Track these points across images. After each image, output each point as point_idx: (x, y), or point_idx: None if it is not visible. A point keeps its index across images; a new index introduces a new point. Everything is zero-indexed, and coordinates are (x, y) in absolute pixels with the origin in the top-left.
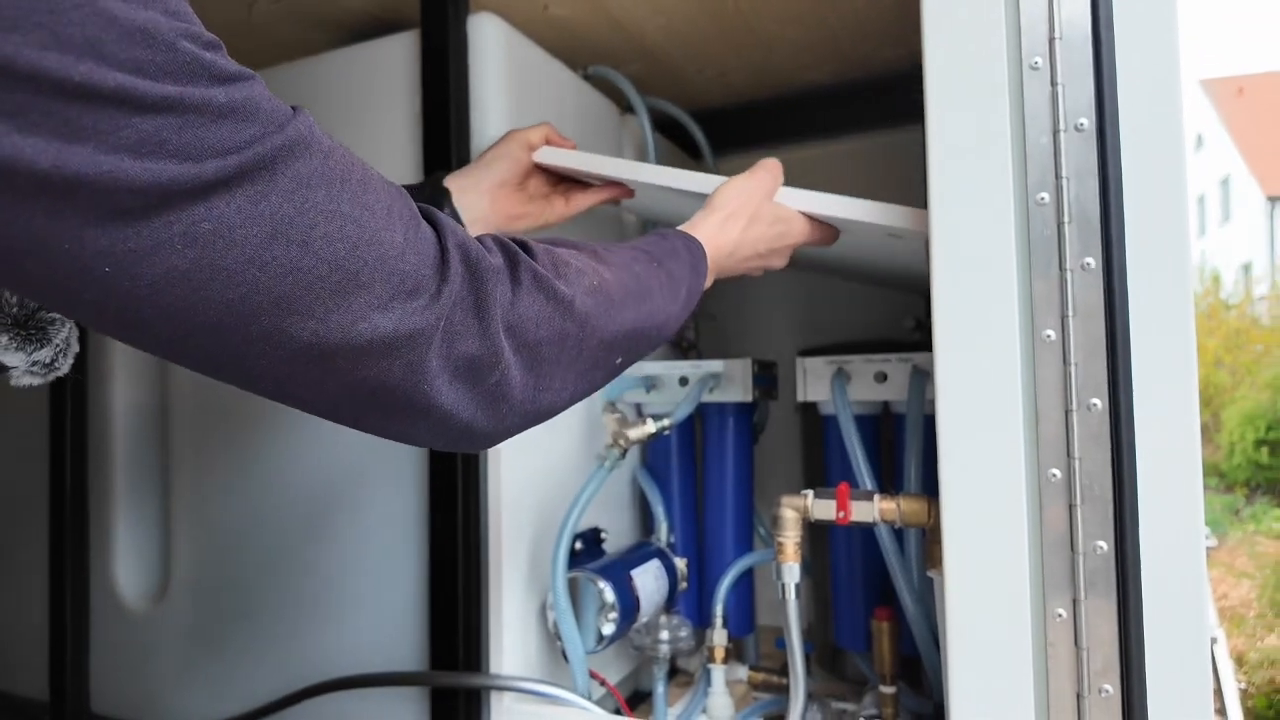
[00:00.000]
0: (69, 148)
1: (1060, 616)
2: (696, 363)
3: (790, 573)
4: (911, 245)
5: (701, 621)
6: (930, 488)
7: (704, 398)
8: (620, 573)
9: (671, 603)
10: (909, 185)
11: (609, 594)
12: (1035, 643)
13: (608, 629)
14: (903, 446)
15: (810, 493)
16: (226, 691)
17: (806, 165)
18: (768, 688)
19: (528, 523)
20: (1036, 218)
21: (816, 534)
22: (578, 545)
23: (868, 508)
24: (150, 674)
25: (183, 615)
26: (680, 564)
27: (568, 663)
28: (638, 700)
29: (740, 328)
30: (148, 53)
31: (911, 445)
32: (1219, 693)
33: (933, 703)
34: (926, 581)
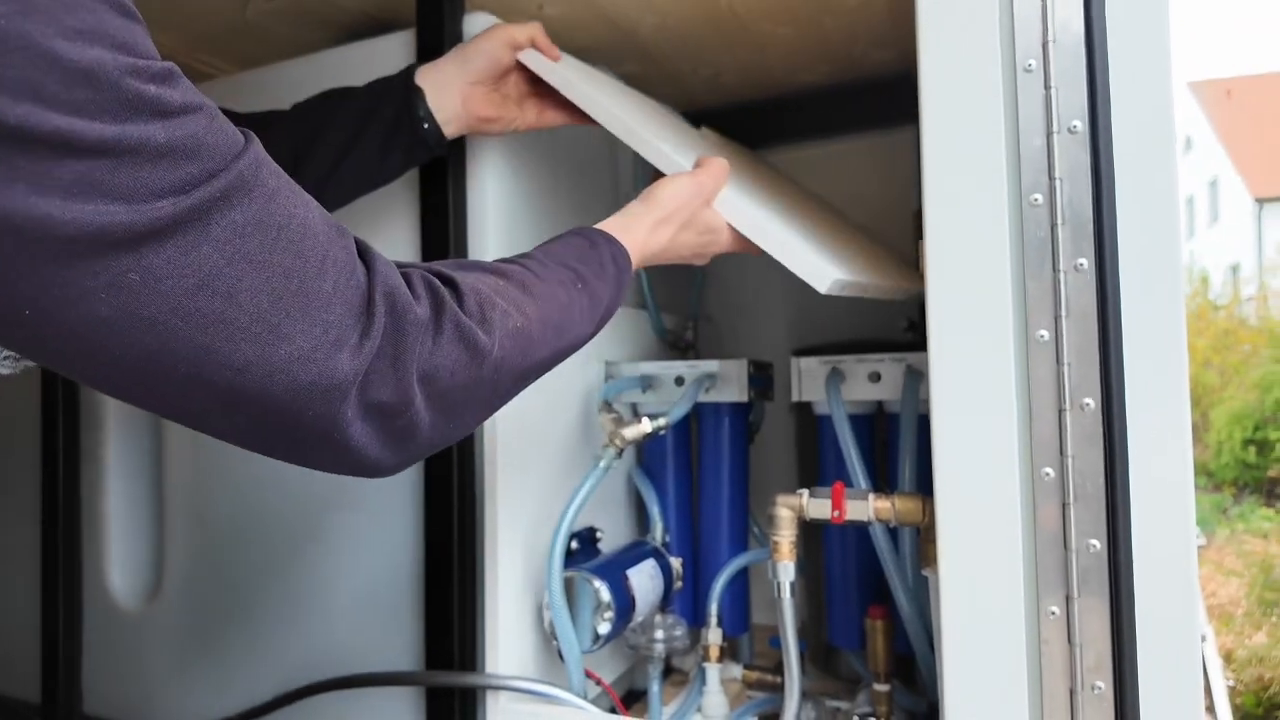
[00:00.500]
0: (2, 189)
1: (1053, 614)
2: (693, 363)
3: (785, 571)
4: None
5: (696, 620)
6: (924, 487)
7: (700, 398)
8: (616, 572)
9: (667, 602)
10: (903, 186)
11: (605, 593)
12: (1029, 640)
13: (604, 628)
14: (897, 446)
15: (805, 492)
16: (220, 692)
17: (801, 166)
18: (762, 686)
19: (524, 522)
20: (1030, 219)
21: (810, 533)
22: (573, 545)
23: (863, 507)
24: (143, 674)
25: (176, 615)
26: (675, 563)
27: (563, 662)
28: (633, 699)
29: (737, 328)
30: (88, 93)
31: (905, 444)
32: (1208, 690)
33: (927, 701)
34: (921, 580)
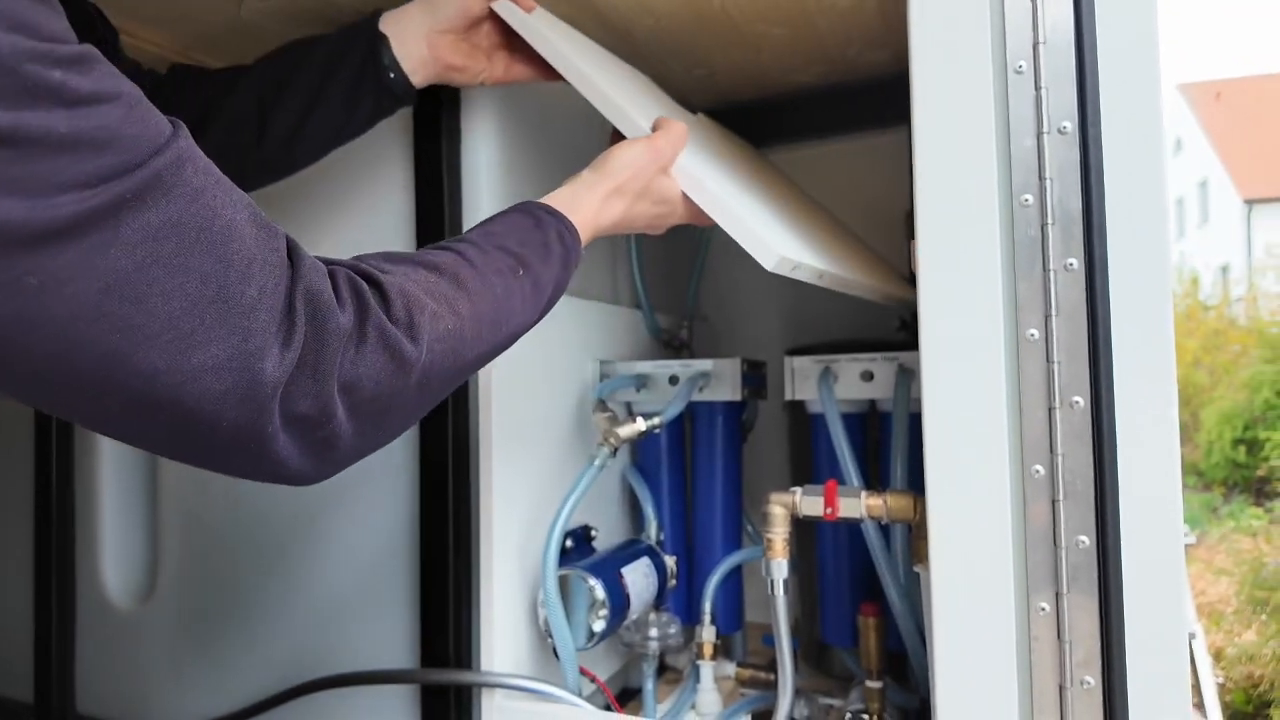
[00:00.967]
0: None
1: (1043, 610)
2: (686, 362)
3: (778, 568)
4: None
5: (690, 618)
6: (916, 484)
7: (694, 397)
8: (611, 570)
9: (661, 600)
10: (897, 187)
11: (600, 591)
12: (1019, 636)
13: (598, 626)
14: (889, 444)
15: (798, 490)
16: (215, 691)
17: (796, 166)
18: (755, 684)
19: (518, 520)
20: (1021, 219)
21: (803, 532)
22: (568, 543)
23: (855, 504)
24: (137, 674)
25: (170, 614)
26: (670, 561)
27: (558, 659)
28: (627, 697)
29: (731, 328)
30: None
31: (897, 442)
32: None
33: (918, 697)
34: (913, 577)
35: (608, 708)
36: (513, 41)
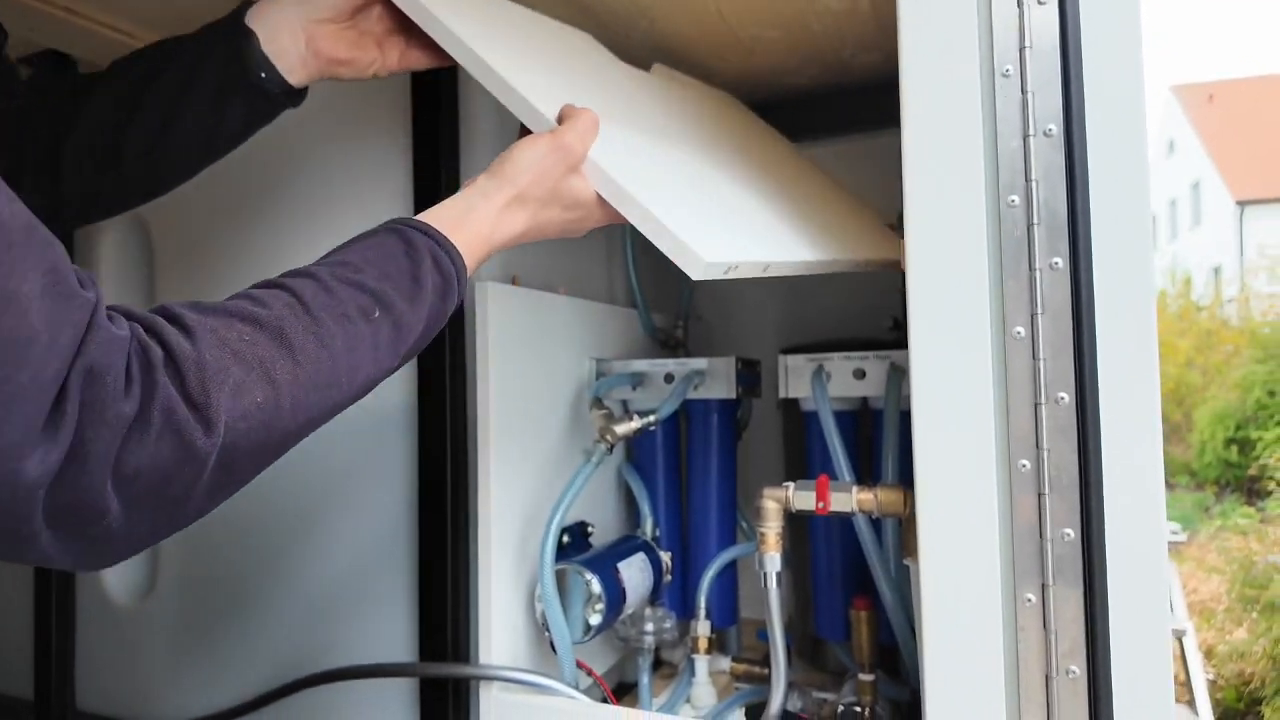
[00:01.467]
0: None
1: (1030, 601)
2: (682, 360)
3: (771, 562)
4: None
5: (685, 613)
6: (907, 480)
7: (689, 395)
8: (607, 565)
9: (656, 595)
10: (890, 189)
11: (596, 586)
12: (1006, 626)
13: (594, 619)
14: (881, 441)
15: (791, 484)
16: (214, 686)
17: None
18: (749, 678)
19: (516, 516)
20: (1007, 219)
21: (797, 528)
22: (565, 539)
23: (846, 498)
24: (137, 670)
25: (171, 611)
26: (665, 557)
27: (555, 653)
28: (623, 691)
29: (727, 327)
30: None
31: (889, 439)
32: (1189, 685)
33: (910, 690)
34: (903, 570)
35: (604, 701)
36: (407, 24)
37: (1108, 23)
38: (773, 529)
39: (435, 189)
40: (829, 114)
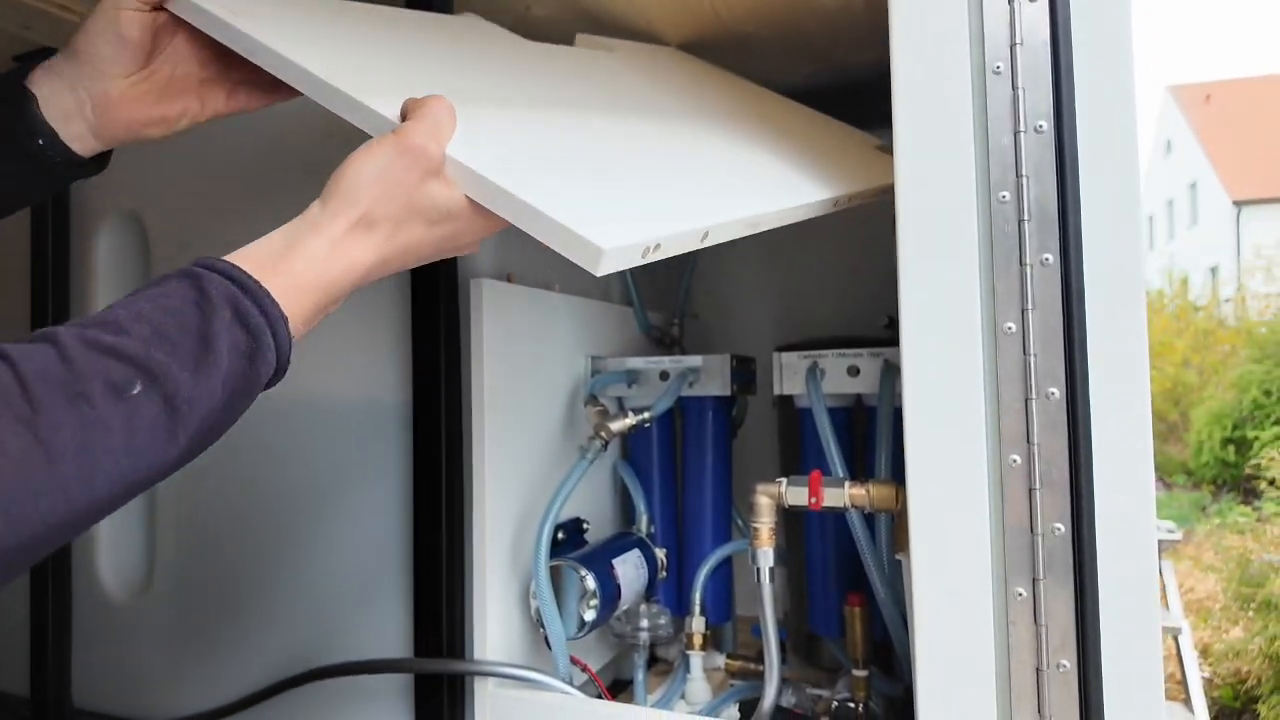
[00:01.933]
0: None
1: (1020, 595)
2: (677, 358)
3: (765, 557)
4: None
5: (680, 610)
6: (900, 476)
7: (684, 392)
8: (602, 561)
9: (651, 591)
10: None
11: (591, 581)
12: (997, 620)
13: (589, 615)
14: (874, 437)
15: (784, 480)
16: (211, 683)
17: None
18: (745, 675)
19: (511, 513)
20: (998, 215)
21: (792, 526)
22: (560, 535)
23: (839, 493)
24: (134, 667)
25: (167, 607)
26: (660, 554)
27: (550, 649)
28: (619, 688)
29: (723, 326)
30: None
31: (882, 435)
32: (1184, 683)
33: (903, 685)
34: (896, 566)
35: (599, 697)
36: (228, 56)
37: (1098, 19)
38: (766, 524)
39: None
40: (823, 112)
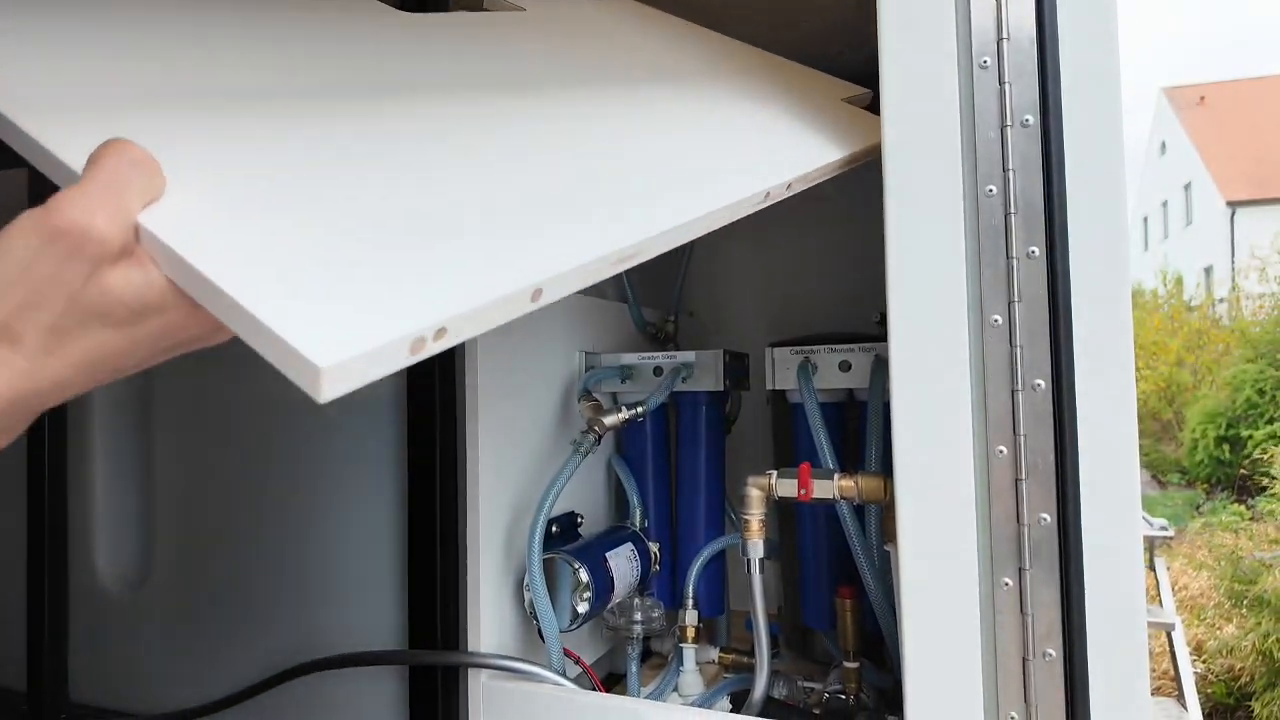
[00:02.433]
0: None
1: (1007, 585)
2: (670, 354)
3: (755, 549)
4: None
5: (674, 603)
6: (890, 470)
7: (677, 387)
8: (595, 554)
9: (645, 585)
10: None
11: (584, 574)
12: (983, 610)
13: (582, 608)
14: (866, 431)
15: (774, 472)
16: (208, 677)
17: None
18: (738, 668)
19: (505, 506)
20: (985, 209)
21: (786, 520)
22: (555, 529)
23: (828, 485)
24: (131, 661)
25: (163, 600)
26: (654, 547)
27: (543, 641)
28: (613, 682)
29: (719, 323)
30: None
31: (873, 429)
32: (1177, 678)
33: (894, 677)
34: (886, 557)
35: (593, 689)
36: None
37: (1084, 15)
38: (756, 516)
39: None
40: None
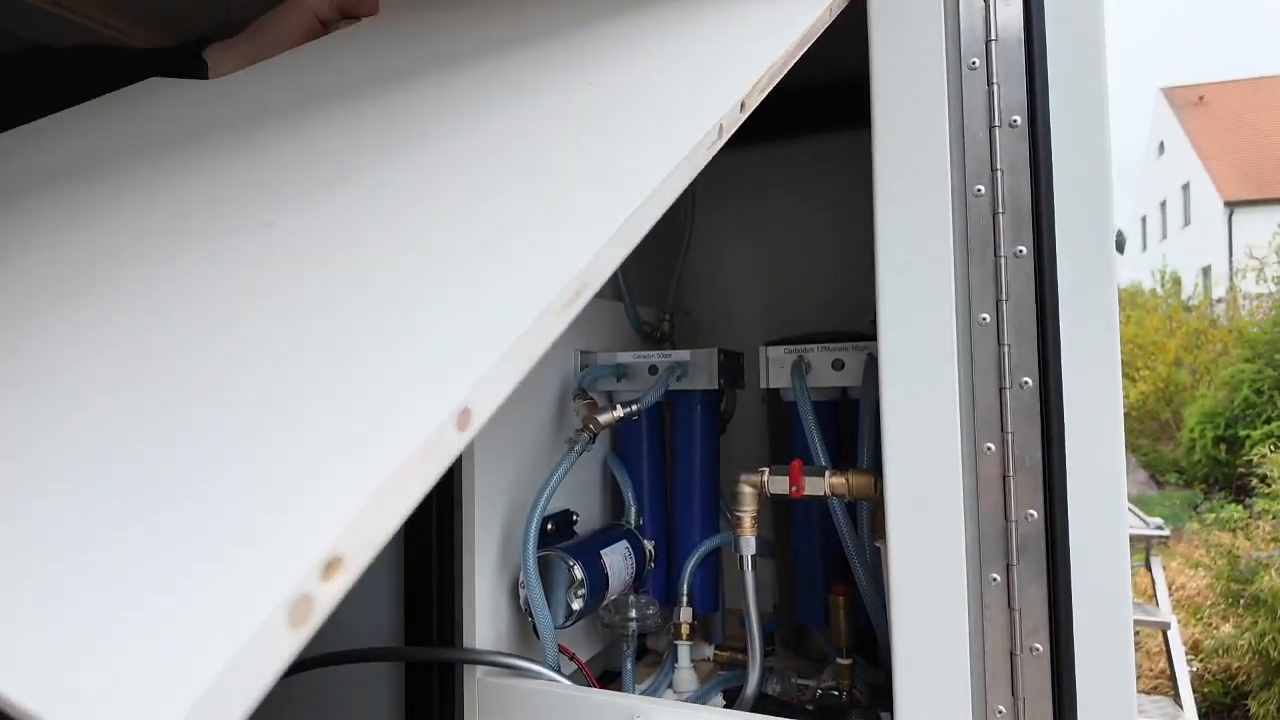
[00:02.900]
0: None
1: (995, 580)
2: (665, 353)
3: (747, 545)
4: None
5: (669, 601)
6: (881, 468)
7: (672, 386)
8: (590, 552)
9: (640, 582)
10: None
11: (578, 571)
12: (971, 605)
13: (577, 604)
14: (858, 429)
15: (766, 469)
16: None
17: (771, 165)
18: (733, 665)
19: (501, 504)
20: (974, 208)
21: (781, 519)
22: (550, 527)
23: (819, 482)
24: None
25: None
26: (648, 545)
27: (538, 638)
28: (608, 679)
29: (715, 322)
30: None
31: (865, 427)
32: (1173, 678)
33: (886, 674)
34: (877, 554)
35: (588, 686)
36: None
37: (1072, 16)
38: (748, 513)
39: None
40: (815, 112)
